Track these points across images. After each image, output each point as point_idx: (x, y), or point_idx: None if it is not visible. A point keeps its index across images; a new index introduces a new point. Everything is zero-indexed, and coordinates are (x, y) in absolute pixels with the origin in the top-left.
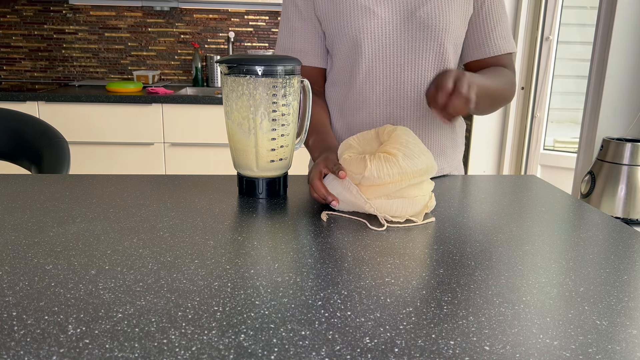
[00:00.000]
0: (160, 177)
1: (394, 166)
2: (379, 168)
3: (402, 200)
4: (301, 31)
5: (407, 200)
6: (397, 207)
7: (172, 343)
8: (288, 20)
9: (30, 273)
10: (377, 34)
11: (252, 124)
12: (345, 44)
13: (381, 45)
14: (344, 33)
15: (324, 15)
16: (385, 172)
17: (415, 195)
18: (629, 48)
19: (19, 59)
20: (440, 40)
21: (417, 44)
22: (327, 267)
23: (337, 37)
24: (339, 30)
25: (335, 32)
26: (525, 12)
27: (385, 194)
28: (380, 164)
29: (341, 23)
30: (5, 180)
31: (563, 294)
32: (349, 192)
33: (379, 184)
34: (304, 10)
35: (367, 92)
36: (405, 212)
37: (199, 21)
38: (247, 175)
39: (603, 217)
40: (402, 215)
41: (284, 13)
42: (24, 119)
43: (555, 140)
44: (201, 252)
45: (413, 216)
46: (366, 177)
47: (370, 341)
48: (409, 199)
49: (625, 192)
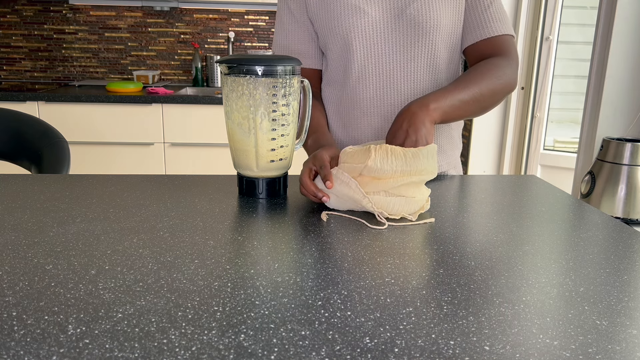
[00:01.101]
0: (160, 177)
1: (398, 159)
2: (383, 159)
3: (400, 199)
4: (295, 33)
5: (405, 200)
6: (395, 205)
7: (172, 343)
8: (282, 23)
9: (30, 273)
10: (368, 33)
11: (252, 124)
12: (337, 44)
13: (372, 44)
14: (335, 32)
15: (316, 16)
16: (388, 165)
17: (414, 196)
18: (629, 48)
19: (19, 59)
20: (431, 38)
21: (407, 42)
22: (327, 267)
23: (329, 37)
24: (330, 29)
25: (327, 32)
26: (525, 12)
27: (385, 189)
28: (384, 155)
29: (332, 22)
30: (5, 180)
31: (563, 294)
32: (347, 187)
33: (380, 177)
34: (296, 13)
35: (361, 90)
36: (402, 211)
37: (199, 21)
38: (247, 175)
39: (603, 217)
40: (398, 214)
41: (277, 16)
42: (24, 119)
43: (555, 140)
44: (201, 252)
45: (408, 215)
46: (369, 166)
47: (370, 341)
48: (407, 199)
49: (625, 192)
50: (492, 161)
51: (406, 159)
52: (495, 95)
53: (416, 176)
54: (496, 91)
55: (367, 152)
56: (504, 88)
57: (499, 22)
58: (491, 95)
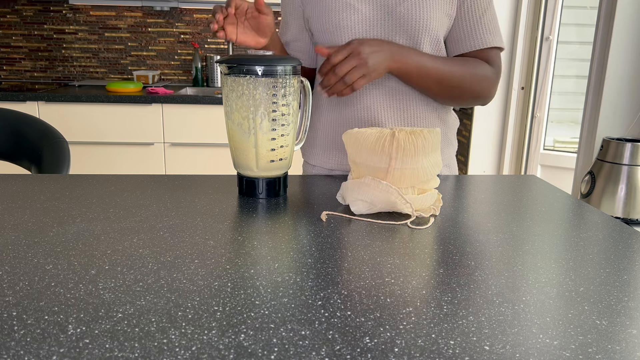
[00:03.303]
0: (160, 177)
1: (418, 137)
2: (406, 137)
3: (427, 194)
4: (294, 31)
5: (430, 194)
6: (423, 201)
7: (172, 343)
8: (284, 22)
9: (30, 273)
10: (357, 30)
11: (252, 124)
12: (327, 40)
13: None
14: (325, 29)
15: (311, 12)
16: (410, 141)
17: (432, 188)
18: (629, 48)
19: (19, 59)
20: (418, 38)
21: (395, 40)
22: (327, 267)
23: (320, 33)
24: (322, 25)
25: (319, 27)
26: (525, 12)
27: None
28: (406, 134)
29: (323, 18)
30: (5, 180)
31: (563, 293)
32: (378, 189)
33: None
34: (295, 11)
35: None
36: (429, 204)
37: (199, 21)
38: (247, 175)
39: (603, 217)
40: (427, 209)
41: (282, 14)
42: (24, 119)
43: (555, 140)
44: (201, 252)
45: (422, 211)
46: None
47: (370, 341)
48: (432, 192)
49: (625, 192)
50: (492, 161)
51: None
52: (464, 91)
53: (433, 156)
54: (466, 87)
55: (390, 135)
56: (476, 91)
57: (491, 34)
58: (459, 86)
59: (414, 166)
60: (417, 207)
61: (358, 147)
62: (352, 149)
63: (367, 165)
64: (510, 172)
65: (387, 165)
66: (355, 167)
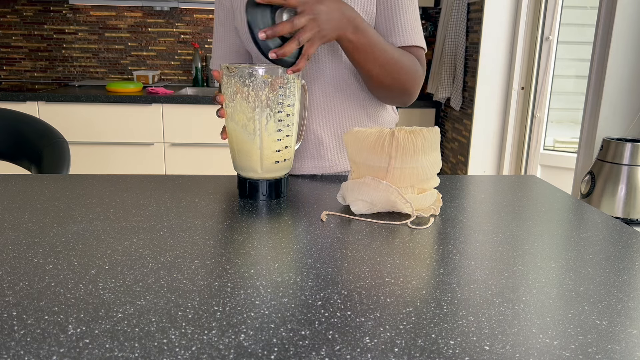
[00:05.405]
0: (160, 177)
1: (417, 136)
2: (405, 136)
3: (426, 193)
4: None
5: (430, 194)
6: (423, 201)
7: (172, 343)
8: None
9: (30, 273)
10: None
11: (258, 125)
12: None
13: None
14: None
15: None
16: (410, 140)
17: (432, 188)
18: (629, 48)
19: (19, 59)
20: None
21: None
22: (327, 267)
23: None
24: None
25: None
26: (525, 12)
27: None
28: (405, 133)
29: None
30: (5, 180)
31: (563, 293)
32: (378, 189)
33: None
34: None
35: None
36: (429, 204)
37: (199, 21)
38: (249, 177)
39: (603, 217)
40: (427, 209)
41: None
42: (24, 119)
43: (555, 140)
44: (201, 252)
45: (422, 210)
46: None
47: (370, 341)
48: (432, 192)
49: (625, 192)
50: (492, 161)
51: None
52: (398, 81)
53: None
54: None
55: (389, 134)
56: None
57: (412, 32)
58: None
59: (413, 165)
60: (417, 206)
61: (358, 146)
62: (352, 148)
63: (367, 164)
64: (510, 172)
65: (387, 164)
66: (355, 167)
